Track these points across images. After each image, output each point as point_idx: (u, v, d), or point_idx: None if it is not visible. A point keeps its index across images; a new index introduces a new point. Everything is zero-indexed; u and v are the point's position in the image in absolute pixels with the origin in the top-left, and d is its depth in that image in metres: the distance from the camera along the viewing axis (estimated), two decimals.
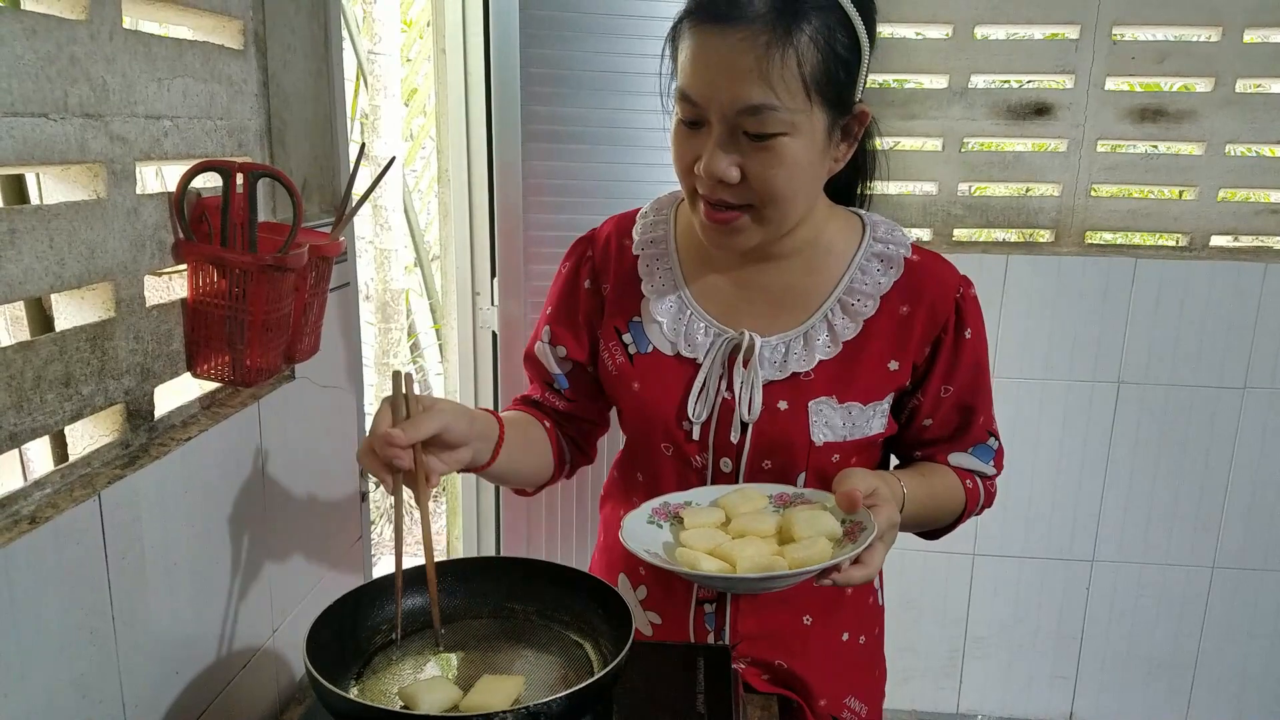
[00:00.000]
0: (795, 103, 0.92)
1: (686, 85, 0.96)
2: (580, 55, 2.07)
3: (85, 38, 0.80)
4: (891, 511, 0.95)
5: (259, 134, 1.11)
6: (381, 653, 0.97)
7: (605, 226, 1.18)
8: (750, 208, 0.99)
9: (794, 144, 0.94)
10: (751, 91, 0.91)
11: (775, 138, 0.94)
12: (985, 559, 2.50)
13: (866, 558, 0.90)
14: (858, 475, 0.96)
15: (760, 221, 1.00)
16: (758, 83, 0.91)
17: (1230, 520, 2.43)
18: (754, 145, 0.94)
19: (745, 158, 0.95)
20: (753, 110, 0.92)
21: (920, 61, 2.29)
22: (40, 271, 0.76)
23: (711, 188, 0.98)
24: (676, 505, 1.02)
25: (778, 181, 0.96)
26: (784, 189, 0.97)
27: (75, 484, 0.81)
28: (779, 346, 1.06)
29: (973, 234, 2.42)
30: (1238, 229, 2.34)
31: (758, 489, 1.02)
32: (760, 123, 0.93)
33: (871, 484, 0.95)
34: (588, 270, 1.16)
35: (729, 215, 0.99)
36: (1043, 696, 2.58)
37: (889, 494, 0.96)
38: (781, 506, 1.01)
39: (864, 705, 1.19)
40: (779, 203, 0.98)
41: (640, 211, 1.17)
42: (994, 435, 1.15)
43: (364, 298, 4.72)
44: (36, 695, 0.74)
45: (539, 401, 1.20)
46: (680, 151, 1.00)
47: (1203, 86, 2.28)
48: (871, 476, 0.97)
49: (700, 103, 0.95)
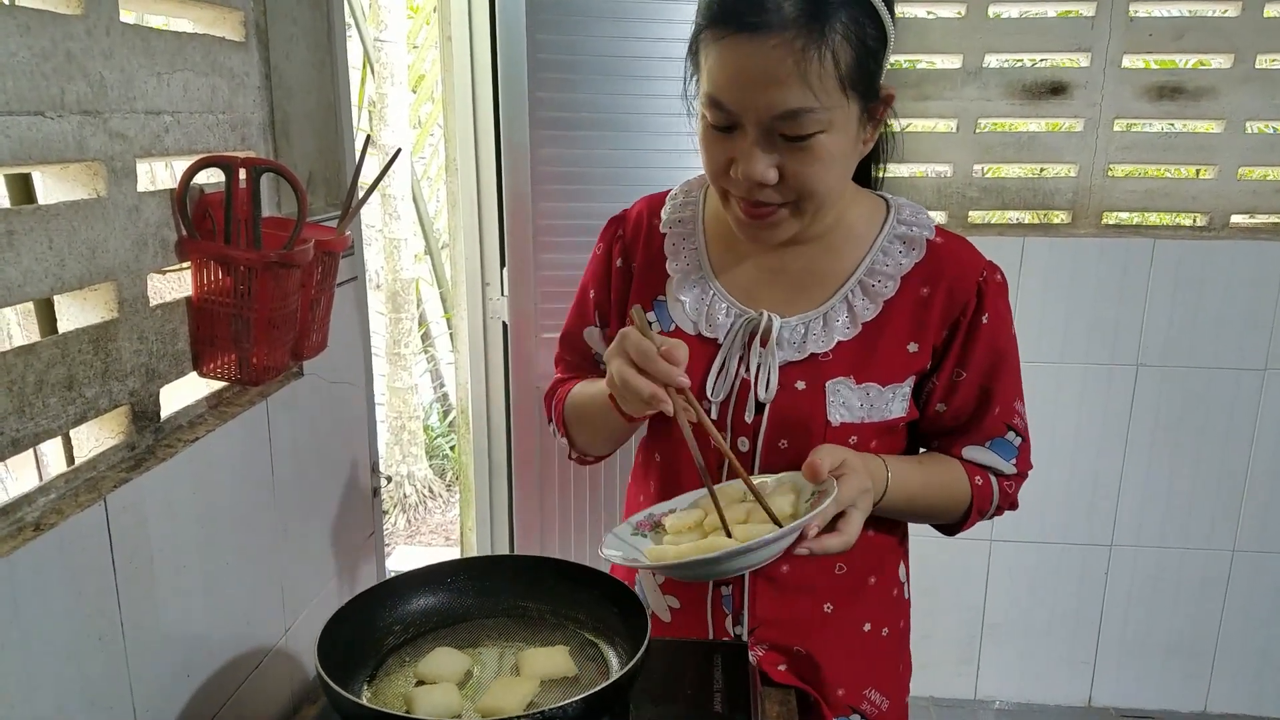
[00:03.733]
0: (832, 100, 0.92)
1: (718, 92, 0.94)
2: (588, 40, 2.04)
3: (81, 33, 0.78)
4: (862, 480, 0.95)
5: (262, 127, 1.09)
6: (395, 654, 0.96)
7: (637, 205, 1.19)
8: (787, 204, 0.99)
9: (830, 140, 0.94)
10: (789, 96, 0.90)
11: (813, 137, 0.93)
12: (1002, 544, 2.48)
13: (842, 525, 0.91)
14: (826, 449, 0.96)
15: (798, 214, 1.00)
16: (796, 87, 0.90)
17: (1250, 503, 2.41)
18: (791, 146, 0.94)
19: (783, 158, 0.95)
20: (791, 114, 0.91)
21: (933, 41, 2.25)
22: (40, 273, 0.75)
23: (749, 189, 0.97)
24: (660, 515, 1.03)
25: (816, 178, 0.96)
26: (822, 184, 0.97)
27: (80, 488, 0.80)
28: (798, 327, 1.06)
29: (988, 216, 2.39)
30: (1257, 207, 2.30)
31: (735, 486, 1.02)
32: (799, 125, 0.92)
33: (839, 456, 0.95)
34: (619, 249, 1.17)
35: (766, 210, 0.99)
36: (1061, 682, 2.57)
37: (860, 465, 0.96)
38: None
39: (885, 698, 1.18)
40: (816, 196, 0.98)
41: (670, 193, 1.18)
42: (1016, 430, 1.11)
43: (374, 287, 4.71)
44: (46, 703, 0.73)
45: None
46: (712, 155, 0.99)
47: (1222, 63, 2.24)
48: (841, 450, 0.97)
49: (735, 109, 0.94)
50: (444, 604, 1.01)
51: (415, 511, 4.39)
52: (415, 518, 4.38)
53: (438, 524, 4.38)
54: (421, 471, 4.48)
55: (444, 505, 4.52)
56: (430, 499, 4.48)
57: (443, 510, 4.49)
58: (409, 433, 4.43)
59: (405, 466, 4.42)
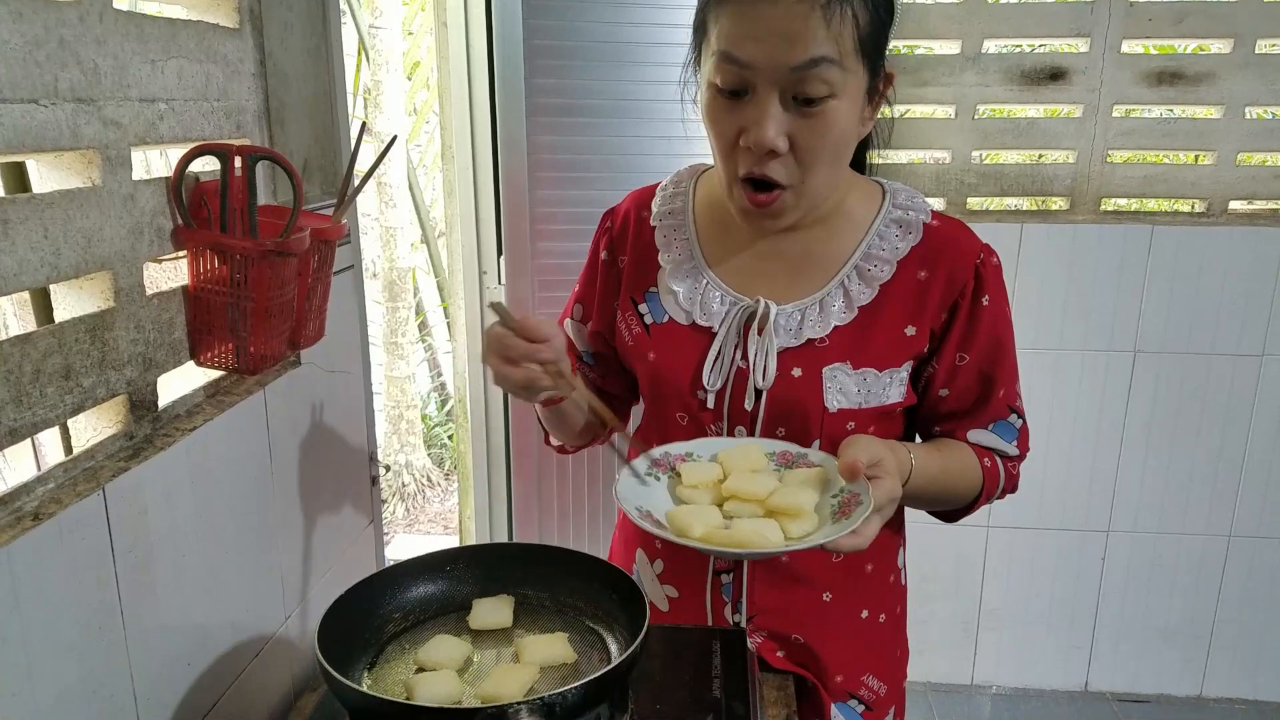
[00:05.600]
0: (849, 61, 0.93)
1: (733, 47, 0.93)
2: (584, 26, 2.03)
3: (74, 20, 0.77)
4: (893, 485, 0.93)
5: (257, 115, 1.08)
6: (394, 641, 0.96)
7: (626, 200, 1.19)
8: (789, 187, 0.99)
9: (840, 107, 0.95)
10: (811, 46, 0.91)
11: (825, 101, 0.93)
12: (999, 530, 2.49)
13: (860, 528, 0.89)
14: (863, 443, 0.94)
15: (798, 198, 1.00)
16: (817, 36, 0.91)
17: (1247, 489, 2.41)
18: (802, 111, 0.94)
19: (793, 126, 0.95)
20: (811, 64, 0.91)
21: (932, 26, 2.24)
22: (36, 263, 0.74)
23: (759, 160, 0.97)
24: (677, 456, 1.01)
25: (824, 151, 0.96)
26: (828, 159, 0.97)
27: (79, 478, 0.79)
28: (794, 314, 1.06)
29: (986, 202, 2.39)
30: (1256, 193, 2.30)
31: (761, 445, 1.01)
32: (816, 81, 0.92)
33: (877, 453, 0.93)
34: (606, 243, 1.18)
35: (770, 197, 0.99)
36: (1057, 668, 2.58)
37: (893, 465, 0.95)
38: (783, 465, 0.99)
39: (883, 684, 1.18)
40: (818, 174, 0.98)
41: (660, 185, 1.18)
42: (1017, 412, 1.12)
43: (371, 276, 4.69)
44: (46, 693, 0.73)
45: None
46: (720, 126, 0.98)
47: (1221, 47, 2.23)
48: (878, 445, 0.95)
49: (751, 63, 0.93)
50: (443, 591, 1.02)
51: (414, 500, 4.40)
52: (414, 506, 4.39)
53: (436, 512, 4.38)
54: (420, 460, 4.49)
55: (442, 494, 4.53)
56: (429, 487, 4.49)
57: (441, 499, 4.49)
58: (407, 421, 4.43)
59: (404, 455, 4.42)
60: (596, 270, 1.18)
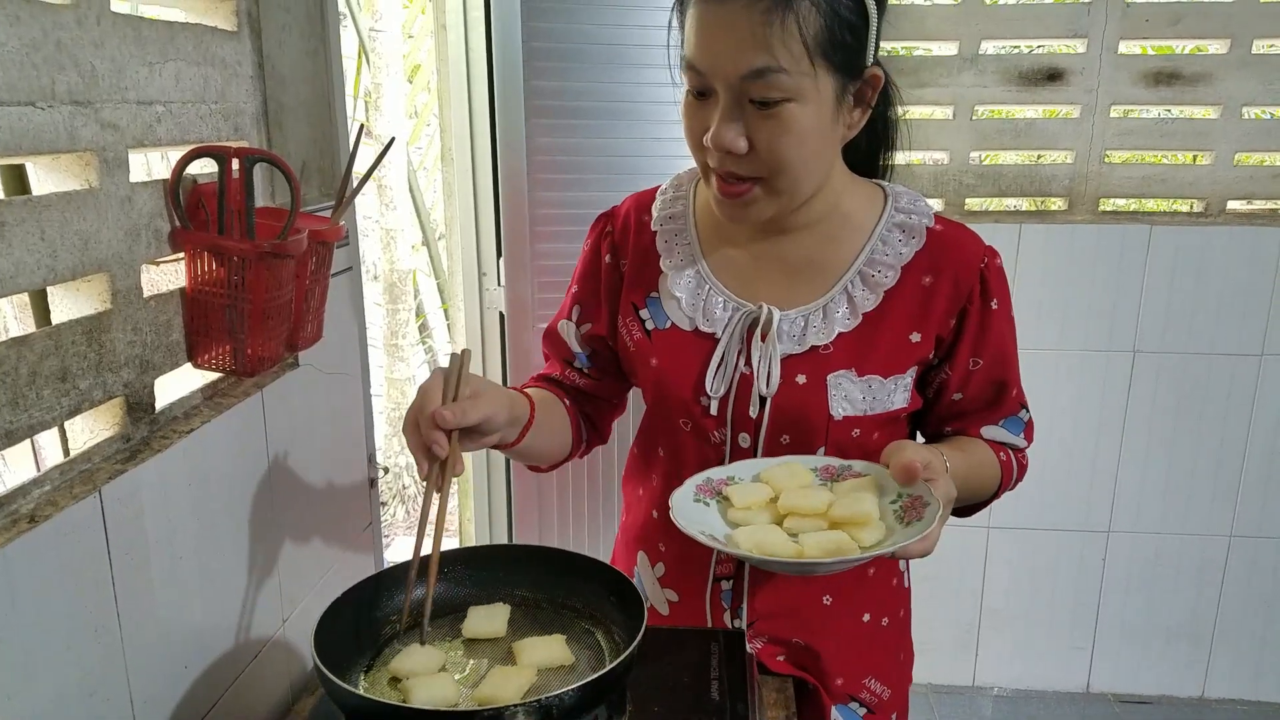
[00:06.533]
0: (799, 66, 0.91)
1: (691, 55, 0.95)
2: (583, 28, 2.03)
3: (72, 22, 0.78)
4: (948, 485, 0.93)
5: (255, 117, 1.08)
6: (392, 643, 0.96)
7: (625, 204, 1.18)
8: (761, 180, 0.98)
9: (801, 111, 0.94)
10: (753, 56, 0.91)
11: (781, 105, 0.93)
12: (1000, 531, 2.49)
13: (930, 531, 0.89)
14: (910, 448, 0.94)
15: (772, 193, 0.99)
16: (759, 46, 0.90)
17: (1248, 489, 2.41)
18: (760, 114, 0.94)
19: (752, 127, 0.94)
20: (756, 74, 0.91)
21: (929, 28, 2.24)
22: (32, 265, 0.74)
23: (721, 159, 0.97)
24: (720, 481, 1.00)
25: (786, 150, 0.95)
26: (793, 158, 0.96)
27: (75, 480, 0.80)
28: (798, 320, 1.05)
29: (985, 203, 2.39)
30: (1254, 193, 2.30)
31: (803, 462, 1.00)
32: (765, 88, 0.92)
33: (926, 456, 0.93)
34: (608, 245, 1.16)
35: (741, 188, 0.99)
36: (1059, 668, 2.58)
37: (942, 468, 0.94)
38: (829, 479, 0.99)
39: (886, 688, 1.18)
40: (789, 172, 0.97)
41: (660, 189, 1.17)
42: (1025, 407, 1.13)
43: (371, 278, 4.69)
44: (43, 695, 0.73)
45: (559, 379, 1.20)
46: (690, 124, 0.99)
47: (1218, 48, 2.23)
48: (923, 448, 0.95)
49: (705, 71, 0.94)
50: (442, 594, 1.01)
51: (414, 503, 4.40)
52: (414, 509, 4.38)
53: None
54: None
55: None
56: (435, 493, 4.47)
57: None
58: None
59: (404, 458, 4.42)
60: (598, 272, 1.16)
